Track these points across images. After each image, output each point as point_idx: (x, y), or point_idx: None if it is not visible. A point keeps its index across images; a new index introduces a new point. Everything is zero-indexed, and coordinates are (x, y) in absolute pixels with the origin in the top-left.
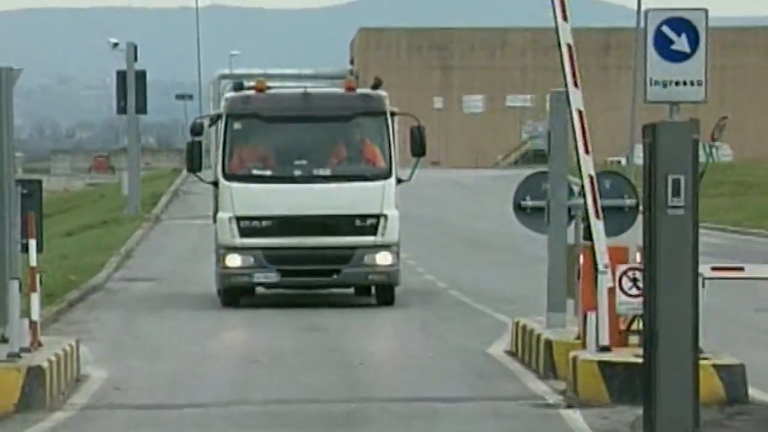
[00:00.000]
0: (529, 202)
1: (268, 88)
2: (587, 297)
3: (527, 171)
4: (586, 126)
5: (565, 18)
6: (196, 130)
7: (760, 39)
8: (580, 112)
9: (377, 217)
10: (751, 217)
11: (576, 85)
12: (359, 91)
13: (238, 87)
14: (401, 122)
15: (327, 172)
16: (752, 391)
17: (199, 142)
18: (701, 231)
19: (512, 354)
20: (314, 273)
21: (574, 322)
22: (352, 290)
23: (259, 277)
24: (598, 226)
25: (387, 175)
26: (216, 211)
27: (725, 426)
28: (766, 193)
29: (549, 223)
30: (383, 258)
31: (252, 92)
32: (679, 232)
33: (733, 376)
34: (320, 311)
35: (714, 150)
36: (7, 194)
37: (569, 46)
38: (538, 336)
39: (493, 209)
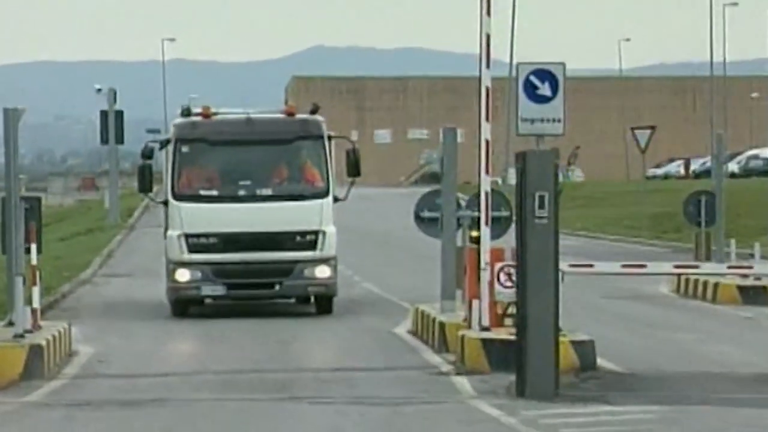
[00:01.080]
0: (426, 213)
1: (214, 114)
2: (472, 288)
3: (425, 189)
4: (490, 152)
5: (488, 66)
6: (147, 153)
7: (604, 86)
8: (487, 141)
9: (316, 233)
10: (597, 225)
11: (488, 119)
12: (298, 116)
13: (186, 113)
14: (336, 145)
15: (269, 191)
16: (600, 361)
17: (150, 165)
18: (560, 236)
19: (413, 333)
20: (258, 286)
21: (461, 308)
22: (293, 300)
23: (206, 290)
24: (486, 231)
25: (325, 194)
26: (166, 228)
27: (578, 388)
28: (609, 206)
29: (442, 229)
30: (322, 271)
31: (199, 118)
32: (543, 236)
33: (585, 349)
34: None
35: (569, 172)
36: (13, 208)
37: (487, 89)
38: (434, 319)
39: (397, 219)
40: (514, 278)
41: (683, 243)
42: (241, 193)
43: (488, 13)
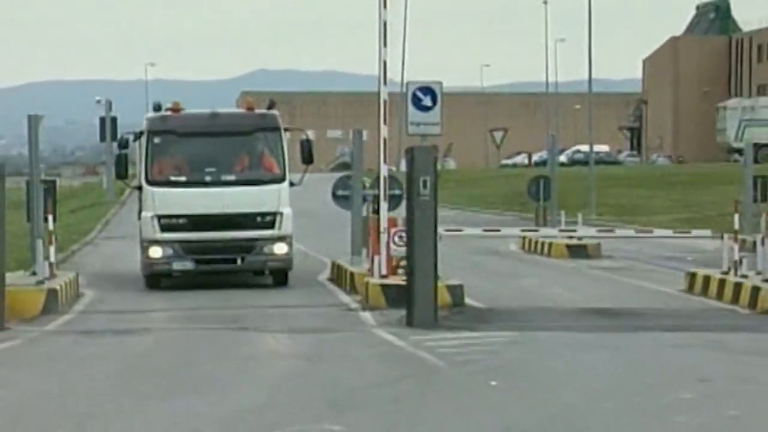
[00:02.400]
0: (340, 192)
1: (182, 109)
2: (374, 247)
3: (339, 174)
4: (387, 147)
5: (385, 84)
6: (122, 144)
7: (471, 99)
8: (384, 139)
9: (274, 214)
10: (465, 201)
11: (385, 123)
12: (257, 111)
13: (157, 108)
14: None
15: (232, 177)
16: (467, 300)
17: (126, 154)
18: (438, 208)
19: (332, 280)
20: (222, 261)
21: (366, 261)
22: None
23: (176, 265)
24: (384, 206)
25: (281, 180)
26: (140, 210)
27: (451, 319)
28: (474, 187)
29: (352, 204)
30: (280, 248)
31: (169, 113)
32: (426, 209)
33: (456, 291)
34: None
35: (445, 162)
36: (35, 188)
37: (385, 101)
38: (346, 270)
39: (319, 196)
40: (404, 239)
41: (527, 213)
42: (207, 178)
43: (384, 45)
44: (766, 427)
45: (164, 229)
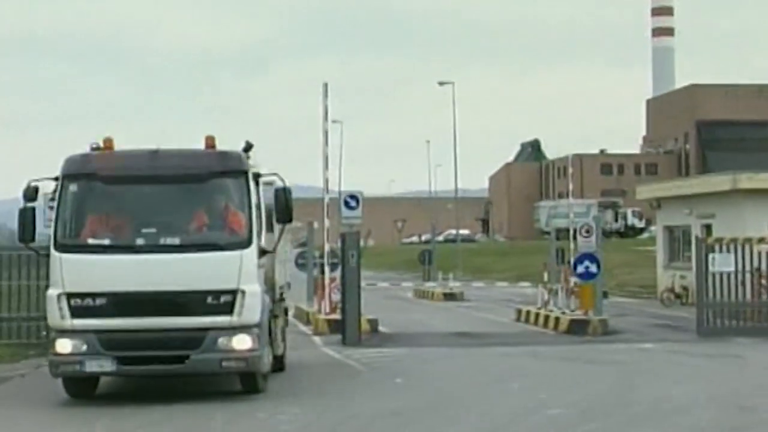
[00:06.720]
0: (300, 261)
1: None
2: (321, 295)
3: (299, 250)
4: (329, 232)
5: (327, 192)
6: (29, 194)
7: (385, 201)
8: (327, 229)
9: (233, 293)
10: (379, 265)
11: (327, 216)
12: (218, 149)
13: (94, 149)
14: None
15: (175, 241)
16: (380, 327)
17: (32, 208)
18: (362, 270)
19: (295, 317)
20: (158, 360)
21: (316, 304)
22: None
23: (91, 365)
24: (327, 269)
25: (246, 244)
26: (47, 286)
27: (370, 340)
28: (386, 256)
29: (307, 268)
30: (240, 341)
31: (95, 152)
32: (353, 271)
33: (373, 322)
34: None
35: (366, 241)
36: None
37: (327, 204)
38: (304, 309)
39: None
40: (340, 290)
41: (418, 273)
42: (140, 242)
43: (326, 168)
44: (562, 403)
45: (76, 313)
